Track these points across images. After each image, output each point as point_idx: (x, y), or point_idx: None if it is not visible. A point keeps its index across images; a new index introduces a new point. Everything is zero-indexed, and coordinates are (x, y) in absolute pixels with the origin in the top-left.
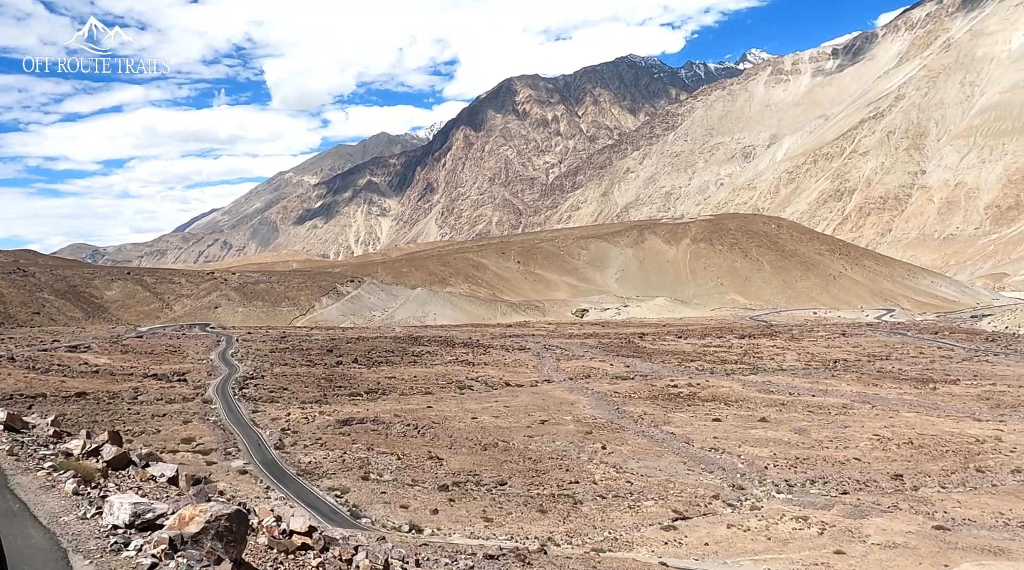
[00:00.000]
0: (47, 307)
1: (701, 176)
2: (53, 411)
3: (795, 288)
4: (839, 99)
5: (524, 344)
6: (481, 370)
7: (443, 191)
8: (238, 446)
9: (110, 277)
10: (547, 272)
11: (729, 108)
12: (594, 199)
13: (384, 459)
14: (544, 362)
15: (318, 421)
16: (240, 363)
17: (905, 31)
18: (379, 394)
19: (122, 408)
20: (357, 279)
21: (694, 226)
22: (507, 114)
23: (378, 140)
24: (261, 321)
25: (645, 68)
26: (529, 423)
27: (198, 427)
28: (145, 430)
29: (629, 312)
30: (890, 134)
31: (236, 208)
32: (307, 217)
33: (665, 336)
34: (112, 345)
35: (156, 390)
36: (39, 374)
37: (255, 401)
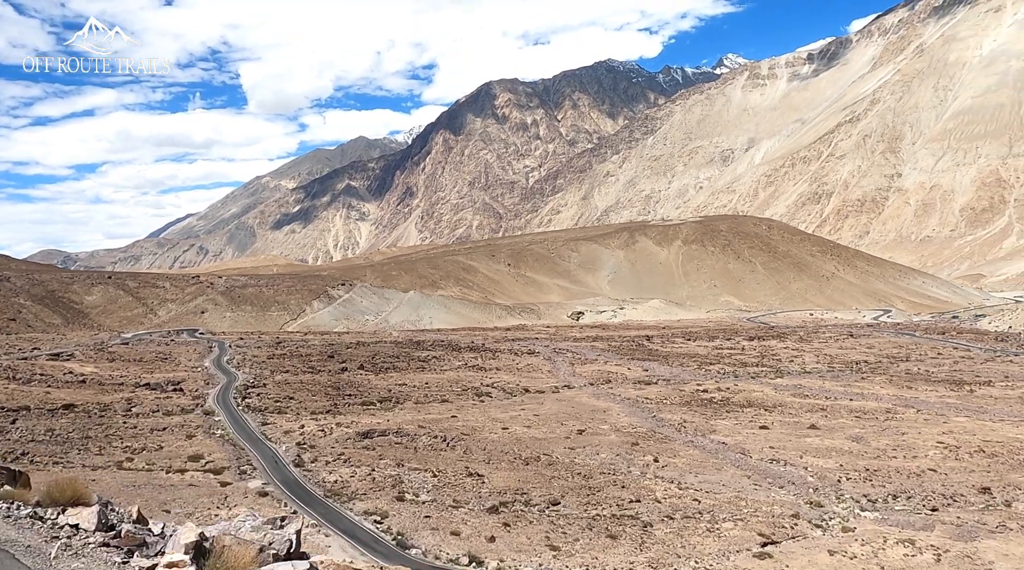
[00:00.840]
0: (23, 313)
1: (680, 179)
2: (40, 424)
3: (789, 289)
4: (815, 103)
5: (532, 348)
6: (495, 375)
7: (423, 195)
8: (252, 463)
9: (90, 282)
10: (538, 275)
11: (707, 112)
12: (574, 203)
13: (418, 476)
14: (558, 366)
15: (336, 434)
16: (238, 370)
17: (879, 36)
18: (394, 403)
19: (116, 422)
20: (348, 282)
21: (685, 228)
22: (486, 118)
23: (356, 144)
24: (250, 326)
25: (623, 72)
26: (565, 433)
27: (204, 442)
28: (146, 446)
29: (625, 314)
30: (866, 138)
31: (212, 213)
32: (285, 222)
33: (673, 339)
34: (98, 353)
35: (151, 401)
36: (20, 384)
37: (262, 412)
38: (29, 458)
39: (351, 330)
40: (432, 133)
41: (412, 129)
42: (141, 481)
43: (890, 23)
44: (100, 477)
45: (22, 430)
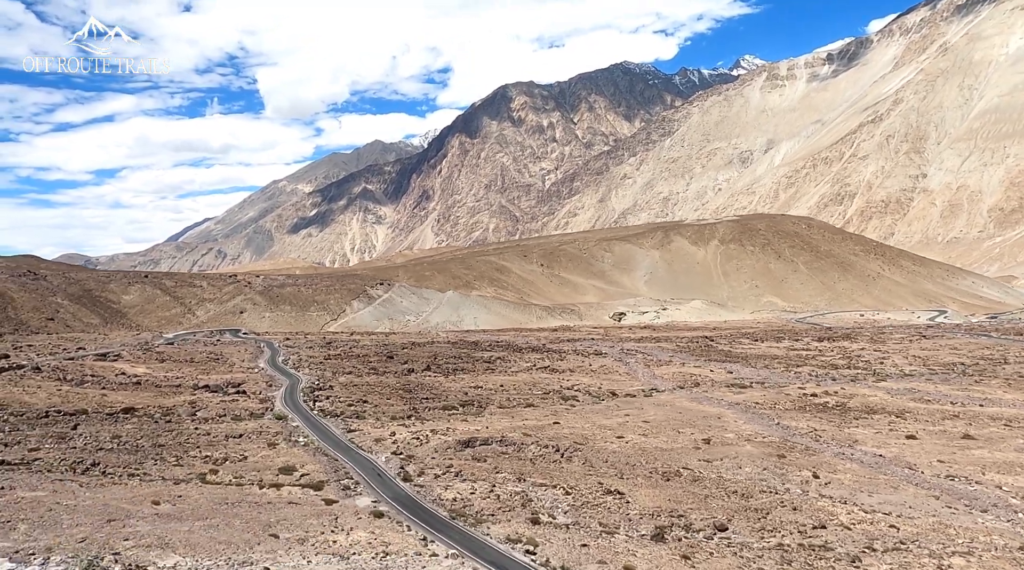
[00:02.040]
0: (61, 312)
1: (699, 181)
2: (103, 430)
3: (834, 290)
4: (835, 104)
5: (596, 349)
6: (571, 378)
7: (439, 198)
8: (352, 477)
9: (127, 281)
10: (572, 275)
11: (725, 114)
12: (591, 205)
13: (547, 494)
14: (633, 368)
15: (434, 442)
16: (297, 371)
17: (900, 36)
18: (476, 407)
19: (186, 427)
20: (386, 282)
21: (721, 227)
22: (503, 121)
23: (372, 148)
24: (290, 326)
25: (640, 75)
26: (690, 443)
27: (291, 452)
28: (228, 456)
29: (669, 315)
30: (889, 138)
31: (230, 217)
32: (302, 225)
33: (738, 340)
34: (145, 353)
35: (216, 405)
36: (74, 386)
37: (339, 417)
38: (101, 469)
39: (394, 330)
40: (448, 136)
41: (427, 133)
42: (234, 497)
43: (912, 22)
44: (186, 492)
45: (86, 436)
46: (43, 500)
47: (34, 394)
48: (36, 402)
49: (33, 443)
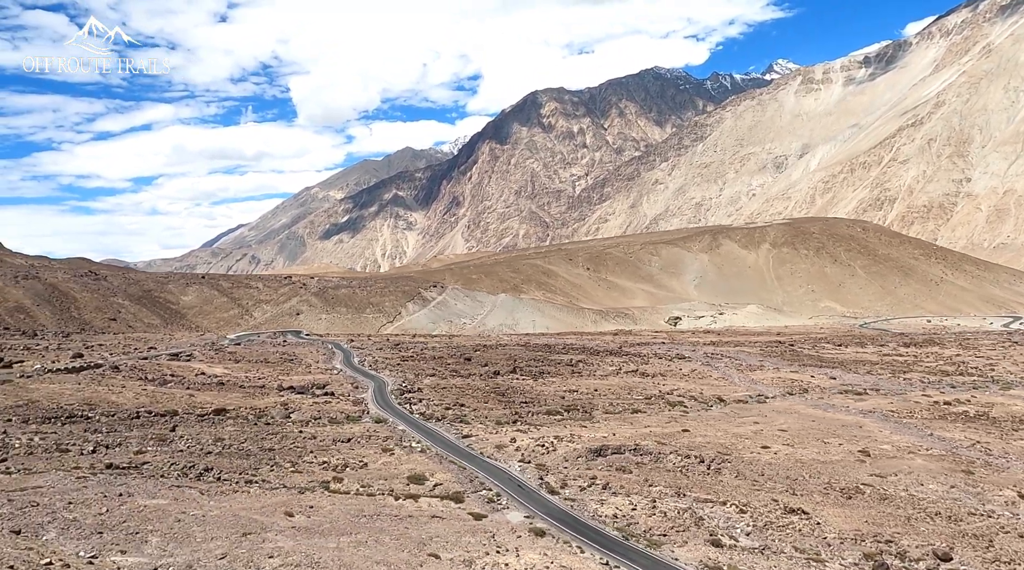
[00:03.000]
0: (123, 313)
1: (732, 187)
2: (204, 432)
3: (895, 294)
4: (872, 108)
5: (678, 352)
6: (665, 382)
7: (469, 204)
8: (490, 487)
9: (184, 282)
10: (620, 279)
11: (759, 118)
12: (622, 211)
13: (716, 511)
14: (726, 373)
15: (561, 450)
16: (377, 373)
17: (940, 38)
18: (582, 412)
19: (290, 431)
20: (439, 285)
21: (772, 230)
22: (532, 127)
23: (403, 155)
24: (346, 328)
25: (671, 80)
26: (846, 455)
27: (410, 458)
28: (347, 462)
29: (726, 320)
30: (931, 141)
31: (263, 223)
32: (334, 231)
33: (820, 344)
34: (217, 353)
35: (309, 407)
36: (157, 386)
37: (443, 421)
38: (215, 474)
39: (451, 333)
40: (478, 142)
41: (457, 139)
42: (369, 509)
43: (952, 24)
44: (316, 502)
45: (187, 439)
46: (167, 509)
47: (120, 393)
48: (124, 402)
49: (135, 445)
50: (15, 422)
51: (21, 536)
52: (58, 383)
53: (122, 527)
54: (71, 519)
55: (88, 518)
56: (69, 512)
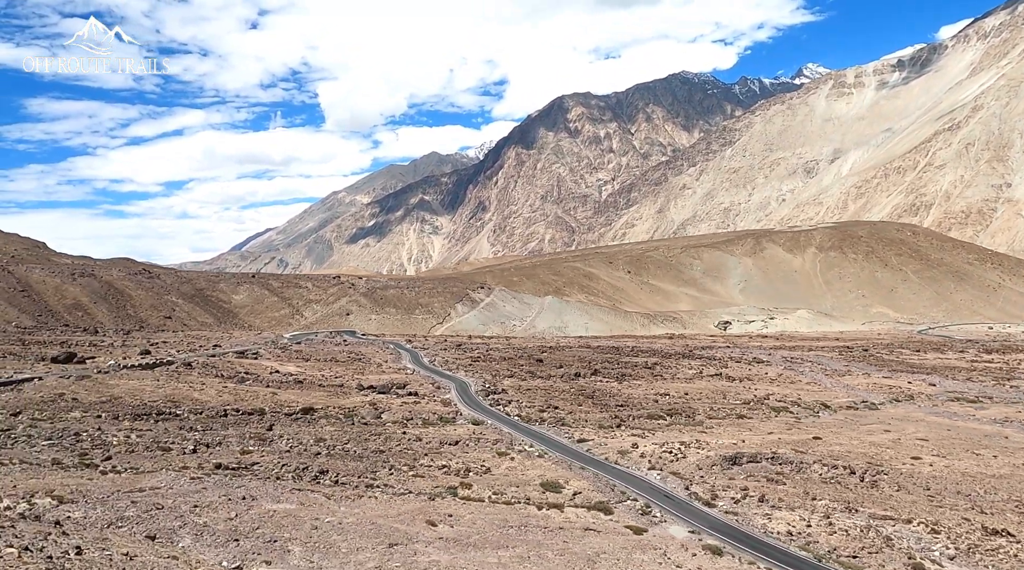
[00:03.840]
0: (177, 311)
1: (761, 192)
2: (302, 432)
3: (951, 300)
4: (907, 112)
5: (755, 356)
6: (755, 386)
7: (495, 209)
8: (631, 496)
9: (235, 281)
10: (663, 282)
11: (789, 123)
12: (649, 216)
13: (903, 530)
14: (815, 378)
15: (693, 457)
16: (453, 373)
17: (977, 40)
18: (685, 416)
19: (391, 432)
20: (486, 287)
21: (817, 234)
22: (559, 132)
23: (428, 160)
24: (396, 328)
25: (698, 84)
26: (1011, 468)
27: (532, 463)
28: (468, 467)
29: (777, 325)
30: (969, 146)
31: (290, 227)
32: (360, 236)
33: (897, 349)
34: (283, 351)
35: (399, 407)
36: (236, 384)
37: (544, 423)
38: (332, 477)
39: (502, 335)
40: (504, 147)
41: (483, 144)
42: (514, 519)
43: (990, 26)
44: (454, 510)
45: (287, 439)
46: (298, 515)
47: (202, 391)
48: (208, 399)
49: (235, 444)
50: (105, 418)
51: (156, 542)
52: (136, 379)
53: (257, 534)
54: (202, 524)
55: (219, 523)
56: (197, 516)
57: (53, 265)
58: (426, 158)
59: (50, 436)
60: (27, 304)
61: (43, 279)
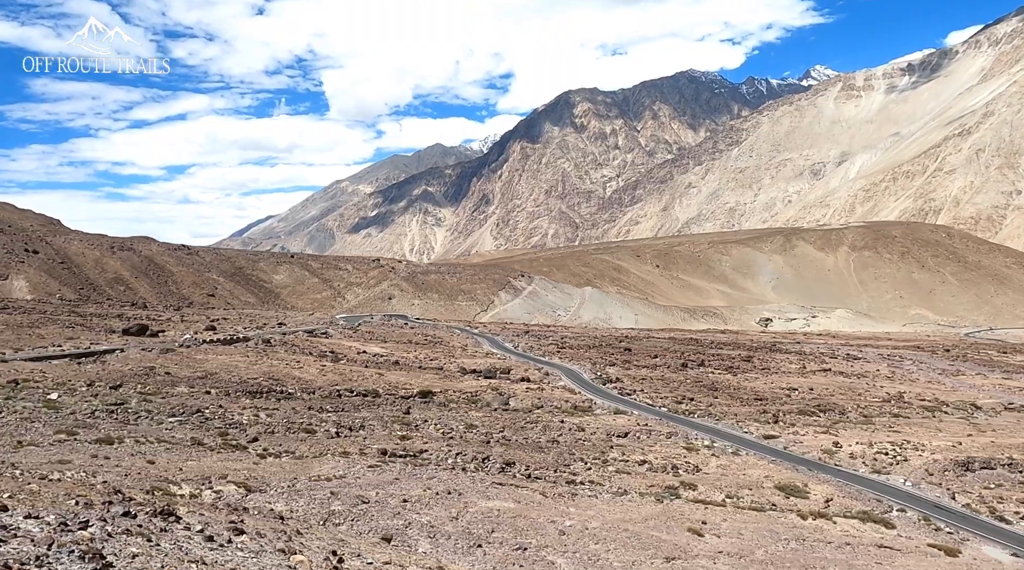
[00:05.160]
0: (219, 289)
1: (767, 193)
2: (448, 417)
3: (992, 304)
4: (916, 116)
5: (848, 353)
6: (879, 383)
7: (498, 202)
8: (897, 507)
9: (274, 261)
10: (693, 278)
11: (797, 124)
12: (654, 214)
13: None
14: (931, 376)
15: (916, 461)
16: (550, 360)
17: (988, 47)
18: (837, 414)
19: (550, 421)
20: (527, 275)
21: (850, 233)
22: (565, 127)
23: (432, 151)
24: (440, 314)
25: (705, 83)
26: None
27: (742, 461)
28: (672, 463)
29: (818, 323)
30: (979, 152)
31: (292, 215)
32: (363, 225)
33: (984, 350)
34: (353, 332)
35: (524, 393)
36: (330, 363)
37: (693, 416)
38: (522, 470)
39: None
40: (509, 141)
41: (487, 137)
42: (783, 530)
43: (1002, 33)
44: (706, 517)
45: (434, 423)
46: (527, 516)
47: (301, 369)
48: (312, 379)
49: (378, 428)
50: (216, 395)
51: (393, 545)
52: (224, 355)
53: (497, 539)
54: (426, 523)
55: (445, 524)
56: (416, 514)
57: (90, 237)
58: (430, 150)
59: (173, 413)
60: (68, 276)
61: (82, 251)
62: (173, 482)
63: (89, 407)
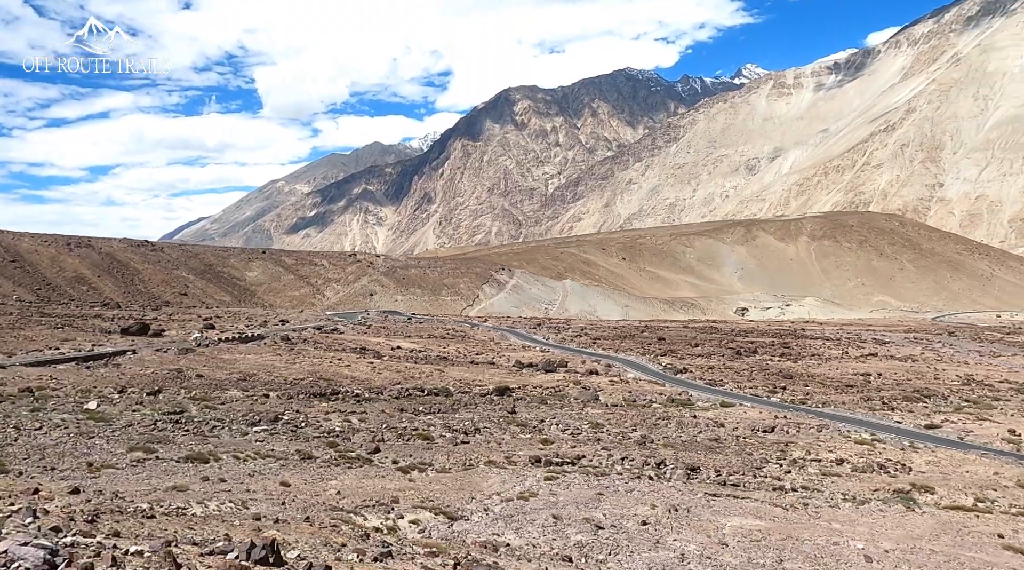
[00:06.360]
0: (191, 288)
1: (705, 188)
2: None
3: (950, 289)
4: (843, 113)
5: (874, 337)
6: (940, 367)
7: (440, 201)
8: None
9: (246, 257)
10: (660, 269)
11: (731, 121)
12: (596, 210)
13: None
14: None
15: None
16: (595, 351)
17: (908, 47)
18: (940, 398)
19: (666, 414)
20: (508, 268)
21: (808, 223)
22: (505, 124)
23: (371, 149)
24: (425, 309)
25: (642, 81)
26: None
27: (943, 455)
28: (878, 463)
29: (792, 311)
30: (904, 147)
31: (226, 216)
32: (301, 226)
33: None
34: (367, 329)
35: (608, 387)
36: (374, 359)
37: (805, 405)
38: (711, 475)
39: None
40: (450, 139)
41: (427, 135)
42: None
43: (919, 33)
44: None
45: (554, 422)
46: (793, 535)
47: (351, 368)
48: (367, 377)
49: (495, 430)
50: (277, 398)
51: None
52: (254, 354)
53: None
54: (698, 554)
55: (720, 553)
56: (672, 540)
57: (41, 235)
58: (368, 148)
59: (252, 422)
60: (22, 276)
61: (35, 249)
62: (349, 510)
63: (143, 418)
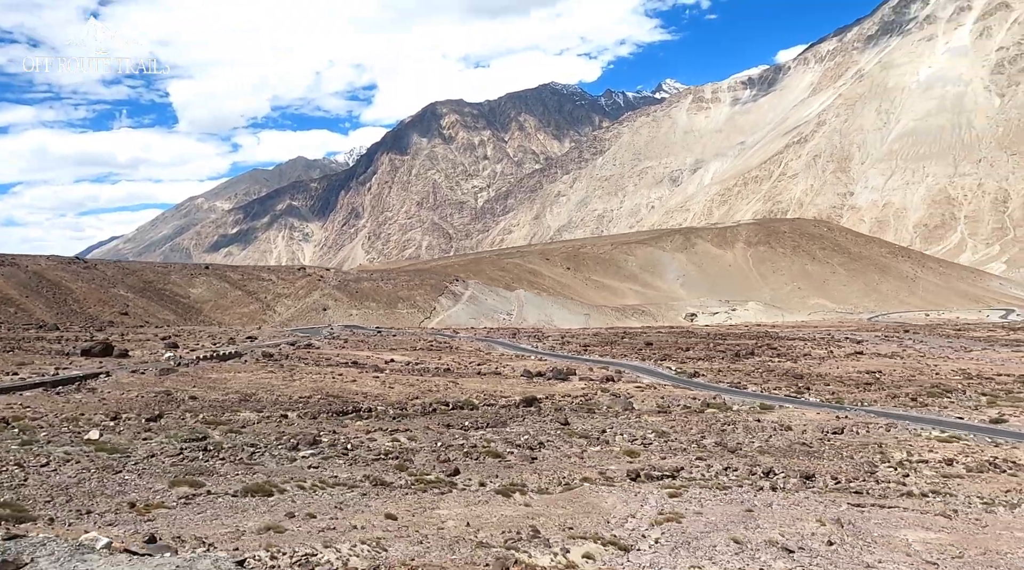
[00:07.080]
0: (131, 307)
1: (632, 199)
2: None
3: (879, 291)
4: (759, 126)
5: (848, 337)
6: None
7: (369, 216)
8: None
9: (188, 273)
10: (605, 278)
11: (654, 134)
12: (526, 222)
13: None
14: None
15: None
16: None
17: (815, 63)
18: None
19: (730, 419)
20: (461, 280)
21: (743, 230)
22: (433, 138)
23: (295, 164)
24: (381, 323)
25: (567, 95)
26: None
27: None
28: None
29: (738, 316)
30: (816, 158)
31: (141, 235)
32: (223, 244)
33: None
34: (345, 342)
35: (635, 393)
36: (378, 373)
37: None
38: (833, 483)
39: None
40: (377, 153)
41: (352, 150)
42: None
43: (825, 51)
44: None
45: (615, 432)
46: (987, 547)
47: (357, 383)
48: (380, 393)
49: (560, 444)
50: (298, 418)
51: None
52: (245, 372)
53: None
54: None
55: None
56: (868, 560)
57: None
58: (292, 163)
59: (294, 446)
60: None
61: None
62: (500, 546)
63: (163, 447)
